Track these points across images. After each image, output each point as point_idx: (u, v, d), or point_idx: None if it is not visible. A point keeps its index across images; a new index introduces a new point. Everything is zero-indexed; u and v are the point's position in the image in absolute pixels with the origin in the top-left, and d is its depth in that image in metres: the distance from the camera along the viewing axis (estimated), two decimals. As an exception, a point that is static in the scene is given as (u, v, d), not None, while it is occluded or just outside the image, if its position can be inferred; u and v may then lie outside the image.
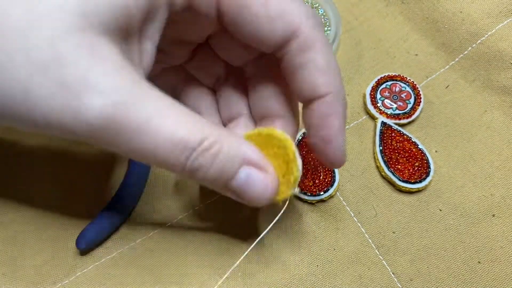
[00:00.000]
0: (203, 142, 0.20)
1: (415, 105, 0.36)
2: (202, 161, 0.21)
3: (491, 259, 0.30)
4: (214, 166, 0.21)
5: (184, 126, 0.20)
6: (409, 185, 0.32)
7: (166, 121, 0.19)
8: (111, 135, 0.19)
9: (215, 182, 0.22)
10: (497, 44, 0.36)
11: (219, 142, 0.21)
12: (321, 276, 0.30)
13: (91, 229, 0.30)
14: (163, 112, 0.20)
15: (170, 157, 0.20)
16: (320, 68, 0.23)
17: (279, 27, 0.22)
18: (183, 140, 0.20)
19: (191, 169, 0.21)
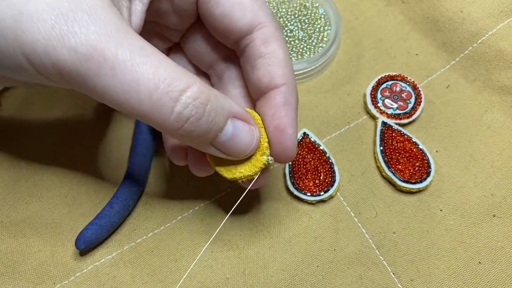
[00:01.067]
0: (190, 87, 0.20)
1: (416, 105, 0.35)
2: (194, 109, 0.21)
3: (492, 259, 0.30)
4: (206, 116, 0.21)
5: (168, 68, 0.20)
6: (409, 185, 0.32)
7: (150, 61, 0.20)
8: (92, 68, 0.19)
9: (205, 136, 0.22)
10: (497, 43, 0.36)
11: (208, 92, 0.21)
12: (321, 276, 0.30)
13: (90, 230, 0.30)
14: (148, 54, 0.20)
15: (154, 97, 0.20)
16: (280, 60, 0.25)
17: (249, 15, 0.25)
18: (167, 80, 0.20)
19: (182, 118, 0.20)
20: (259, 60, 0.25)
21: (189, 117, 0.21)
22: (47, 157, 0.35)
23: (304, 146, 0.34)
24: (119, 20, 0.20)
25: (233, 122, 0.23)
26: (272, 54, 0.25)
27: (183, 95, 0.20)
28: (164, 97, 0.20)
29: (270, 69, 0.25)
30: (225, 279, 0.30)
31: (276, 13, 0.40)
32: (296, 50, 0.38)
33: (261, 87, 0.25)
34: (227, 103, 0.22)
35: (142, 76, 0.19)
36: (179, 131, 0.21)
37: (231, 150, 0.24)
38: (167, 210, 0.33)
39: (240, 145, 0.24)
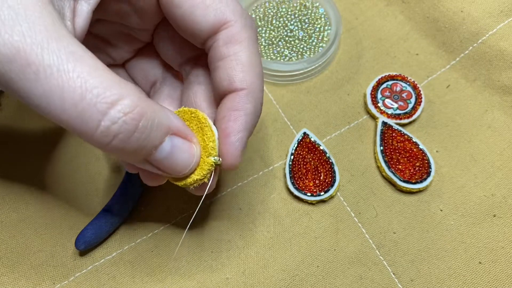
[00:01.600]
0: (122, 99, 0.19)
1: (416, 105, 0.35)
2: (123, 126, 0.19)
3: (492, 259, 0.30)
4: (138, 133, 0.19)
5: (102, 78, 0.19)
6: (410, 185, 0.32)
7: (78, 66, 0.18)
8: (15, 71, 0.18)
9: (136, 153, 0.20)
10: (498, 43, 0.36)
11: (143, 107, 0.19)
12: (321, 276, 0.30)
13: (90, 230, 0.30)
14: (79, 60, 0.18)
15: (80, 106, 0.18)
16: (241, 63, 0.24)
17: (211, 14, 0.23)
18: (96, 89, 0.18)
19: (108, 133, 0.19)
20: (220, 63, 0.24)
21: (118, 134, 0.19)
22: (47, 157, 0.35)
23: (304, 146, 0.34)
24: (52, 20, 0.19)
25: (171, 139, 0.21)
26: (234, 56, 0.24)
27: (112, 108, 0.18)
28: (91, 109, 0.18)
29: (229, 73, 0.24)
30: (225, 279, 0.30)
31: (276, 13, 0.40)
32: (296, 50, 0.38)
33: (221, 91, 0.24)
34: (166, 118, 0.21)
35: (68, 83, 0.18)
36: (107, 147, 0.19)
37: (168, 169, 0.22)
38: (167, 210, 0.33)
39: (178, 164, 0.22)
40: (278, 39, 0.39)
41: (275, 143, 0.35)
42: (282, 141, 0.35)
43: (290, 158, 0.34)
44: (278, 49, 0.38)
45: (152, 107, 0.20)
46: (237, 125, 0.23)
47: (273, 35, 0.39)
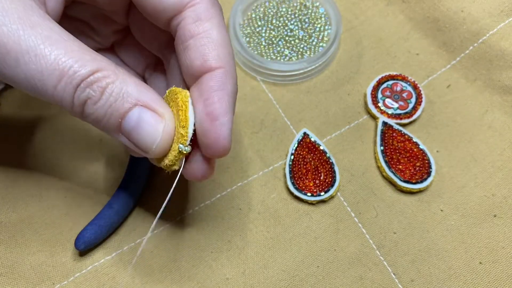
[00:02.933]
0: (94, 73, 0.21)
1: (416, 105, 0.35)
2: (90, 92, 0.21)
3: (493, 259, 0.30)
4: (103, 99, 0.21)
5: (75, 56, 0.20)
6: (410, 185, 0.32)
7: (54, 49, 0.20)
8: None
9: (105, 120, 0.22)
10: (498, 43, 0.36)
11: (112, 77, 0.21)
12: (321, 277, 0.30)
13: (90, 230, 0.30)
14: (54, 43, 0.20)
15: (59, 87, 0.20)
16: (213, 41, 0.23)
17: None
18: (71, 69, 0.20)
19: (80, 102, 0.21)
20: (191, 41, 0.23)
21: (86, 100, 0.21)
22: (46, 157, 0.35)
23: (304, 146, 0.34)
24: (24, 8, 0.20)
25: (139, 110, 0.22)
26: (205, 34, 0.23)
27: (84, 81, 0.21)
28: (68, 86, 0.20)
29: (202, 51, 0.23)
30: (225, 279, 0.30)
31: (276, 13, 0.40)
32: (296, 49, 0.38)
33: (194, 71, 0.23)
34: (135, 90, 0.22)
35: (46, 66, 0.20)
36: (82, 115, 0.22)
37: (136, 142, 0.22)
38: (167, 210, 0.33)
39: (144, 137, 0.22)
40: (278, 39, 0.38)
41: (275, 143, 0.35)
42: (282, 141, 0.35)
43: (290, 158, 0.34)
44: (278, 49, 0.38)
45: (122, 77, 0.21)
46: (223, 106, 0.23)
47: (273, 34, 0.39)
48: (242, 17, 0.40)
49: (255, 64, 0.37)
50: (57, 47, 0.20)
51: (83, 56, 0.21)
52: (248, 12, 0.40)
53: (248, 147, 0.35)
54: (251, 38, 0.39)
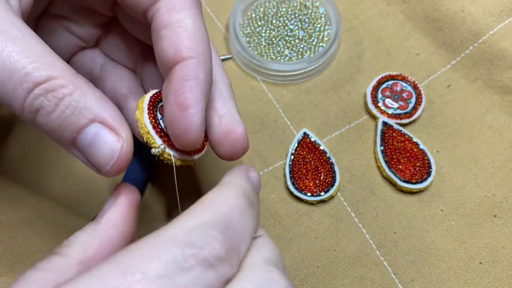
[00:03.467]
0: (50, 80, 0.19)
1: (416, 105, 0.35)
2: (44, 101, 0.19)
3: (493, 259, 0.30)
4: (58, 111, 0.20)
5: (31, 56, 0.19)
6: (410, 185, 0.32)
7: (9, 45, 0.19)
8: None
9: (59, 133, 0.20)
10: (498, 43, 0.36)
11: (70, 88, 0.20)
12: (321, 277, 0.30)
13: (90, 230, 0.30)
14: (11, 39, 0.19)
15: (8, 86, 0.19)
16: (186, 31, 0.22)
17: None
18: (24, 69, 0.19)
19: (32, 109, 0.20)
20: (164, 31, 0.22)
21: (39, 108, 0.20)
22: (46, 157, 0.35)
23: (304, 146, 0.34)
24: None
25: (96, 127, 0.21)
26: (179, 23, 0.22)
27: (38, 87, 0.19)
28: (18, 87, 0.19)
29: (174, 40, 0.22)
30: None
31: (276, 13, 0.40)
32: (297, 49, 0.38)
33: (166, 62, 0.23)
34: (94, 104, 0.20)
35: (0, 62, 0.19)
36: (34, 123, 0.20)
37: (91, 159, 0.21)
38: (167, 210, 0.33)
39: (99, 156, 0.21)
40: (278, 39, 0.38)
41: (275, 143, 0.35)
42: (282, 141, 0.35)
43: (290, 158, 0.34)
44: (278, 49, 0.38)
45: (81, 90, 0.20)
46: (193, 96, 0.22)
47: (273, 34, 0.39)
48: (242, 17, 0.40)
49: (255, 64, 0.37)
50: (13, 43, 0.19)
51: (40, 58, 0.19)
52: (248, 12, 0.40)
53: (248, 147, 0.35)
54: (251, 38, 0.39)
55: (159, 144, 0.23)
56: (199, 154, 0.25)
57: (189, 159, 0.24)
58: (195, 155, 0.25)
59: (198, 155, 0.25)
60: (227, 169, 0.29)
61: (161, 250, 0.17)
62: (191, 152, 0.24)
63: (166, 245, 0.17)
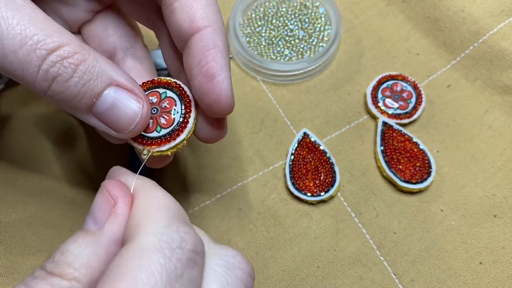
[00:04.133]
0: (62, 46, 0.19)
1: (417, 105, 0.35)
2: (61, 68, 0.19)
3: (493, 259, 0.30)
4: (76, 78, 0.20)
5: (42, 26, 0.19)
6: (410, 185, 0.32)
7: (19, 16, 0.19)
8: None
9: (77, 100, 0.20)
10: (498, 43, 0.36)
11: (84, 54, 0.20)
12: (321, 277, 0.30)
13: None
14: (18, 8, 0.19)
15: (20, 54, 0.19)
16: (198, 1, 0.22)
17: None
18: (36, 36, 0.19)
19: (47, 77, 0.19)
20: (176, 4, 0.22)
21: (56, 76, 0.19)
22: (46, 158, 0.35)
23: (304, 146, 0.34)
24: None
25: (115, 90, 0.21)
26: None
27: (51, 54, 0.19)
28: (31, 54, 0.19)
29: (189, 12, 0.22)
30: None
31: (276, 12, 0.40)
32: (297, 49, 0.38)
33: (182, 34, 0.23)
34: (109, 69, 0.21)
35: (8, 30, 0.18)
36: (48, 92, 0.20)
37: (112, 122, 0.21)
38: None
39: (122, 117, 0.21)
40: (278, 39, 0.38)
41: (275, 143, 0.35)
42: (282, 141, 0.35)
43: (290, 158, 0.34)
44: (278, 49, 0.38)
45: (94, 56, 0.20)
46: (218, 63, 0.22)
47: (273, 34, 0.39)
48: (242, 17, 0.39)
49: (255, 64, 0.37)
50: (21, 13, 0.19)
51: (48, 26, 0.19)
52: (248, 12, 0.40)
53: (248, 147, 0.35)
54: (251, 38, 0.39)
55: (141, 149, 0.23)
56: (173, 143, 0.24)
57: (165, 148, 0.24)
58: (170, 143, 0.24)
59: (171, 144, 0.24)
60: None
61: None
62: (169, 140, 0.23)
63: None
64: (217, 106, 0.22)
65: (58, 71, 0.19)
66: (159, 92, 0.24)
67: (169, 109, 0.24)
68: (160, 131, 0.23)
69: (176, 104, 0.24)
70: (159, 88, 0.24)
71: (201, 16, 0.22)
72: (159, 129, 0.23)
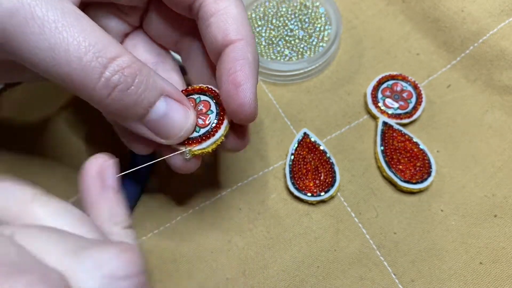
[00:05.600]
0: (120, 56, 0.21)
1: (417, 105, 0.35)
2: (122, 77, 0.21)
3: (493, 260, 0.30)
4: (135, 87, 0.21)
5: (101, 37, 0.20)
6: (410, 185, 0.32)
7: (81, 26, 0.20)
8: (19, 25, 0.19)
9: (133, 109, 0.22)
10: (499, 43, 0.36)
11: (139, 64, 0.21)
12: (321, 277, 0.30)
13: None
14: (79, 19, 0.20)
15: (84, 60, 0.20)
16: (232, 16, 0.25)
17: None
18: (97, 45, 0.20)
19: (108, 84, 0.20)
20: (212, 19, 0.25)
21: (118, 84, 0.21)
22: (47, 158, 0.35)
23: (304, 146, 0.34)
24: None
25: (166, 100, 0.23)
26: (224, 10, 0.25)
27: (112, 62, 0.20)
28: (93, 62, 0.20)
29: (222, 26, 0.24)
30: (225, 279, 0.30)
31: (276, 12, 0.40)
32: (297, 49, 0.38)
33: (217, 46, 0.25)
34: (160, 80, 0.23)
35: (72, 38, 0.19)
36: (107, 99, 0.21)
37: (163, 130, 0.23)
38: (167, 210, 0.33)
39: (173, 125, 0.23)
40: (278, 39, 0.38)
41: (275, 143, 0.35)
42: (282, 141, 0.35)
43: (290, 158, 0.34)
44: (278, 49, 0.38)
45: (146, 67, 0.22)
46: (244, 73, 0.24)
47: (273, 34, 0.39)
48: (242, 17, 0.39)
49: (255, 64, 0.37)
50: (82, 23, 0.20)
51: (106, 37, 0.21)
52: (248, 12, 0.40)
53: (248, 147, 0.35)
54: (251, 38, 0.39)
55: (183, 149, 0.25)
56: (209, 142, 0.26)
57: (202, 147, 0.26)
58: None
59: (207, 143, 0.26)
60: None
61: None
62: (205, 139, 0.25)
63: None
64: (241, 112, 0.24)
65: (120, 80, 0.21)
66: (194, 97, 0.27)
67: (205, 111, 0.26)
68: (199, 131, 0.25)
69: (210, 105, 0.26)
70: (193, 94, 0.27)
71: (234, 30, 0.24)
72: (198, 129, 0.25)
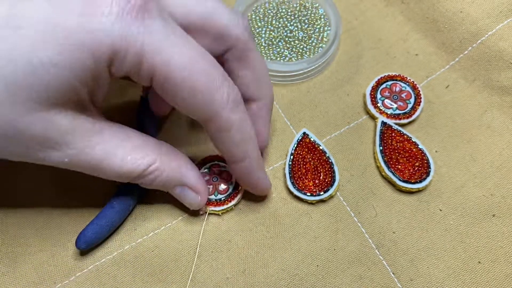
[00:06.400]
0: (152, 164, 0.27)
1: (415, 105, 0.35)
2: (142, 181, 0.28)
3: (492, 259, 0.30)
4: (156, 183, 0.28)
5: (131, 159, 0.27)
6: (409, 185, 0.32)
7: (115, 160, 0.26)
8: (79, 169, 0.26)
9: (159, 189, 0.30)
10: (497, 44, 0.36)
11: (160, 169, 0.28)
12: (321, 276, 0.30)
13: (91, 229, 0.30)
14: (113, 151, 0.26)
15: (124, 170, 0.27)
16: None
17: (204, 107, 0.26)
18: (128, 172, 0.27)
19: (135, 181, 0.28)
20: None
21: (143, 182, 0.28)
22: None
23: (304, 146, 0.34)
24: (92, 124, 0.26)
25: (181, 189, 0.30)
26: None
27: (141, 174, 0.27)
28: (128, 173, 0.27)
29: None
30: (225, 278, 0.30)
31: (276, 14, 0.40)
32: (296, 50, 0.38)
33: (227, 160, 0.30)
34: (179, 175, 0.29)
35: (112, 172, 0.27)
36: (132, 182, 0.28)
37: (181, 201, 0.31)
38: (167, 210, 0.33)
39: (186, 202, 0.31)
40: (278, 40, 0.39)
41: (275, 143, 0.35)
42: (282, 141, 0.35)
43: (290, 158, 0.34)
44: (278, 50, 0.38)
45: (169, 165, 0.28)
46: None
47: (273, 35, 0.39)
48: (242, 18, 0.40)
49: (255, 65, 0.37)
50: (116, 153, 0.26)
51: (137, 155, 0.27)
52: (248, 13, 0.40)
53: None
54: (251, 38, 0.39)
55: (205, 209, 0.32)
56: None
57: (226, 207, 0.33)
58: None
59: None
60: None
61: None
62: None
63: None
64: (258, 193, 0.32)
65: (143, 182, 0.28)
66: (220, 164, 0.33)
67: (226, 181, 0.33)
68: (217, 196, 0.32)
69: (231, 177, 0.33)
70: (221, 161, 0.33)
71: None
72: (216, 194, 0.32)
